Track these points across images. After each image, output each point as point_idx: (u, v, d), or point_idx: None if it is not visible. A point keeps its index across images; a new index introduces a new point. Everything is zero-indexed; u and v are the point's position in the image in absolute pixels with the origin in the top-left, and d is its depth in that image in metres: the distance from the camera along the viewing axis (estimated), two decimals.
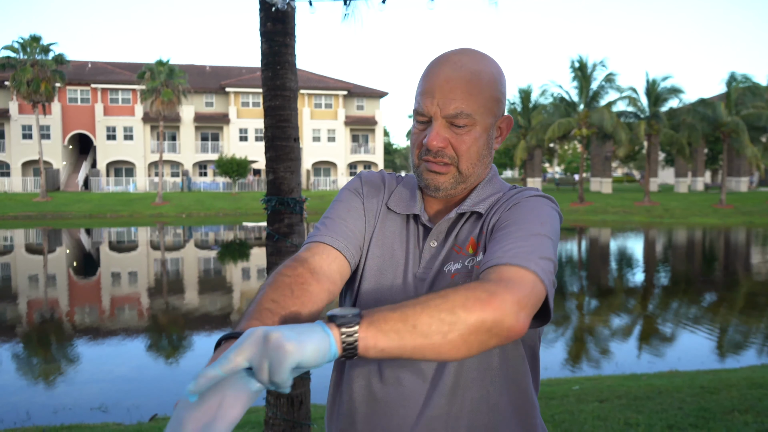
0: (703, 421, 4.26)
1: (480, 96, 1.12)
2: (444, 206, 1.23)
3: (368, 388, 1.16)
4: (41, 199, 36.82)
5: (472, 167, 1.15)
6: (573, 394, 5.52)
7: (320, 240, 1.16)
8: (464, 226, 1.18)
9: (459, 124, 1.12)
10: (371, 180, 1.28)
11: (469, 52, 1.15)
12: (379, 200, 1.25)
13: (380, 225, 1.23)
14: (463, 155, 1.14)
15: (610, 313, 11.07)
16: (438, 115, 1.12)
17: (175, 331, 9.68)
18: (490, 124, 1.15)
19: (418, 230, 1.21)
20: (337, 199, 1.26)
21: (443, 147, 1.13)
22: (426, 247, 1.18)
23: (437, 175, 1.15)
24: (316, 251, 1.14)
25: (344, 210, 1.22)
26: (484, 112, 1.13)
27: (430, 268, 1.16)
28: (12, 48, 36.03)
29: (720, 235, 26.70)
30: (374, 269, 1.20)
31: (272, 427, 3.17)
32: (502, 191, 1.20)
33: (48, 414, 6.01)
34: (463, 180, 1.16)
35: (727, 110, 35.78)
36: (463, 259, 1.14)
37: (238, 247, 22.61)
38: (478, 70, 1.12)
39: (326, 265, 1.13)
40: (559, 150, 65.31)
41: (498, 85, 1.15)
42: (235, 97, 48.01)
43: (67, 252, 21.37)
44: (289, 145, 2.98)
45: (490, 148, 1.18)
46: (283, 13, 2.96)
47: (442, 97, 1.11)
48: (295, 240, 3.04)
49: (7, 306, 11.93)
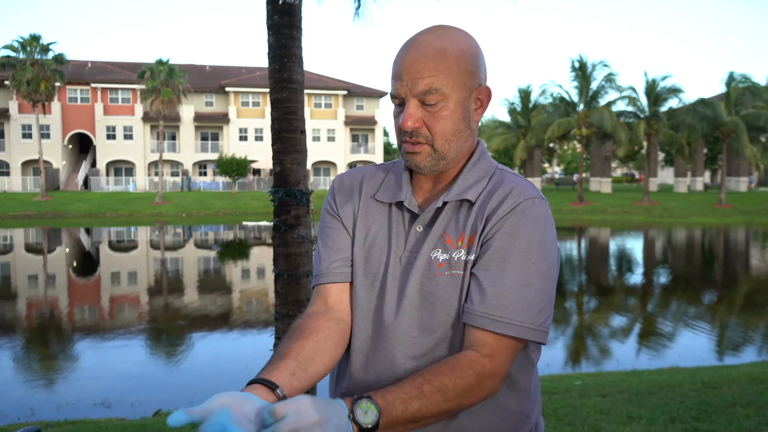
0: (706, 414, 4.28)
1: (448, 71, 1.13)
2: (434, 187, 1.25)
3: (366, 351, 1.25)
4: (41, 198, 36.80)
5: (448, 144, 1.17)
6: (575, 389, 5.55)
7: (320, 282, 1.28)
8: (455, 214, 1.19)
9: (430, 102, 1.13)
10: (343, 186, 1.33)
11: (435, 30, 1.16)
12: (355, 202, 1.29)
13: (360, 221, 1.28)
14: (437, 133, 1.15)
15: (610, 312, 11.09)
16: (409, 95, 1.14)
17: (176, 329, 9.69)
18: (464, 98, 1.16)
19: (403, 216, 1.24)
20: (320, 223, 1.35)
21: (418, 127, 1.15)
22: (412, 231, 1.21)
23: (414, 155, 1.18)
24: (318, 300, 1.28)
25: (326, 236, 1.31)
26: (455, 86, 1.14)
27: (417, 252, 1.19)
28: (12, 47, 36.01)
29: (719, 235, 26.73)
30: (360, 262, 1.26)
31: None
32: (488, 175, 1.21)
33: (51, 409, 6.03)
34: (442, 157, 1.18)
35: (726, 110, 35.81)
36: (452, 251, 1.16)
37: (238, 247, 22.60)
38: (443, 47, 1.13)
39: (336, 301, 1.27)
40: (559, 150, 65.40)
41: (468, 58, 1.15)
42: (235, 97, 48.01)
43: (67, 251, 21.37)
44: (295, 137, 2.99)
45: (469, 121, 1.18)
46: (289, 6, 2.97)
47: (409, 78, 1.13)
48: (301, 231, 3.05)
49: (8, 305, 11.94)
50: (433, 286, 1.17)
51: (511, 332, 1.10)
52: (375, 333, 1.22)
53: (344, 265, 1.27)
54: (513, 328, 1.10)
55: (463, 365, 1.07)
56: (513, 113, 46.17)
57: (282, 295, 3.17)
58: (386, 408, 0.99)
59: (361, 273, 1.25)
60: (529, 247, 1.12)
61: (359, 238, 1.27)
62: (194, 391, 6.62)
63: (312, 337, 1.16)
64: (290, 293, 3.17)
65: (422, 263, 1.18)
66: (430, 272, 1.17)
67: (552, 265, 1.15)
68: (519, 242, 1.12)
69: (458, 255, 1.16)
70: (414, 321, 1.18)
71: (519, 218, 1.14)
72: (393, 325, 1.19)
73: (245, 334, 9.23)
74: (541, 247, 1.13)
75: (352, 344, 1.26)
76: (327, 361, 1.17)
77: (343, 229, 1.29)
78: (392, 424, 1.00)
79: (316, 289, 1.30)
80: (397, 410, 1.00)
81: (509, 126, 46.85)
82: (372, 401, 0.98)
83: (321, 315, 1.23)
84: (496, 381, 1.10)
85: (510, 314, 1.10)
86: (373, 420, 0.97)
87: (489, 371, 1.08)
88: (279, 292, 3.19)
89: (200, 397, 6.33)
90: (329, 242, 1.29)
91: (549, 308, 1.14)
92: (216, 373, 7.30)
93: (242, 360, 7.82)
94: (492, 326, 1.10)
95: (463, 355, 1.09)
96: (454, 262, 1.16)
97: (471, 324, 1.12)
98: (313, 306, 1.26)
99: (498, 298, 1.10)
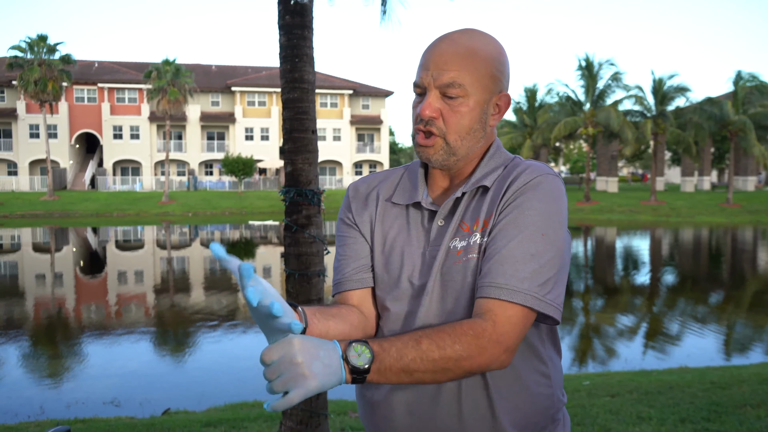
0: (716, 415, 4.26)
1: (475, 71, 1.15)
2: (450, 183, 1.26)
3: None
4: (48, 198, 36.96)
5: (460, 140, 1.18)
6: (584, 389, 5.54)
7: (341, 290, 1.29)
8: (471, 202, 1.20)
9: (451, 94, 1.14)
10: (358, 193, 1.33)
11: (469, 31, 1.19)
12: (371, 208, 1.30)
13: (378, 226, 1.28)
14: (452, 127, 1.16)
15: (617, 311, 11.06)
16: (432, 85, 1.16)
17: (184, 328, 9.72)
18: (485, 100, 1.18)
19: (422, 215, 1.24)
20: (336, 233, 1.36)
21: (434, 117, 1.16)
22: (433, 226, 1.21)
23: (425, 148, 1.19)
24: (342, 302, 1.29)
25: (344, 245, 1.31)
26: (479, 86, 1.16)
27: (439, 245, 1.19)
28: (19, 48, 36.19)
29: (727, 234, 26.61)
30: (381, 266, 1.27)
31: (290, 417, 3.20)
32: (505, 164, 1.22)
33: (61, 408, 6.06)
34: (453, 152, 1.18)
35: (734, 109, 35.64)
36: (468, 237, 1.17)
37: (245, 246, 22.65)
38: (473, 46, 1.16)
39: (358, 303, 1.28)
40: (565, 149, 65.19)
41: (496, 63, 1.18)
42: (241, 97, 48.09)
43: (74, 251, 21.47)
44: (307, 137, 3.00)
45: (484, 124, 1.20)
46: (301, 5, 2.98)
47: (436, 68, 1.15)
48: (312, 231, 3.06)
49: (16, 304, 12.00)
50: (452, 274, 1.17)
51: (515, 299, 1.07)
52: (402, 331, 1.22)
53: (363, 270, 1.28)
54: (517, 295, 1.07)
55: (465, 327, 1.06)
56: (519, 112, 46.07)
57: (293, 295, 3.18)
58: (380, 353, 0.99)
59: (384, 277, 1.26)
60: (539, 218, 1.12)
61: (378, 243, 1.28)
62: (203, 390, 6.64)
63: (334, 310, 1.21)
64: (301, 293, 3.18)
65: (442, 254, 1.18)
66: (449, 261, 1.18)
67: (563, 238, 1.14)
68: (529, 213, 1.12)
69: (474, 239, 1.16)
70: (436, 312, 1.18)
71: (532, 191, 1.14)
72: (419, 322, 1.19)
73: (253, 333, 9.26)
74: (552, 218, 1.13)
75: None
76: (344, 326, 1.19)
77: (361, 237, 1.30)
78: (385, 371, 0.99)
79: (336, 298, 1.31)
80: (391, 356, 0.99)
81: (515, 125, 46.76)
82: (366, 345, 0.98)
83: (344, 306, 1.27)
84: (500, 350, 1.06)
85: (515, 282, 1.08)
86: (366, 362, 0.97)
87: (491, 336, 1.05)
88: (290, 292, 3.20)
89: (209, 396, 6.36)
90: (347, 251, 1.30)
91: (557, 282, 1.12)
92: (225, 372, 7.32)
93: (250, 359, 7.84)
94: (495, 293, 1.08)
95: (468, 320, 1.08)
96: (470, 246, 1.16)
97: (478, 295, 1.11)
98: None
99: (502, 266, 1.09)
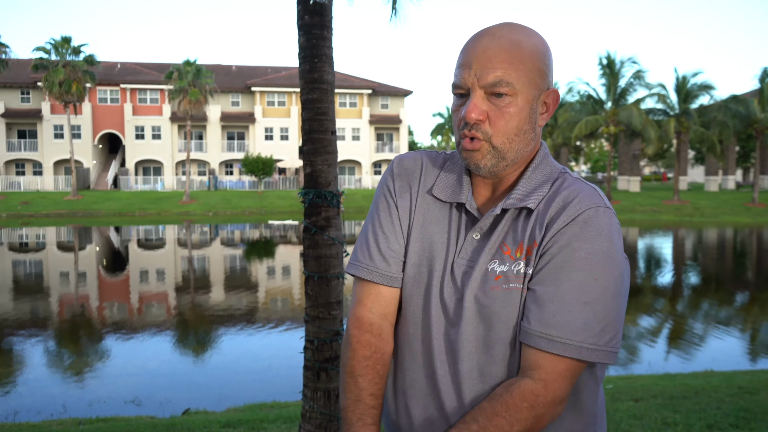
0: (744, 421, 4.16)
1: (521, 65, 1.05)
2: (493, 191, 1.17)
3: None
4: (72, 197, 37.54)
5: (509, 143, 1.08)
6: (607, 392, 5.44)
7: (364, 278, 1.21)
8: (514, 223, 1.12)
9: (499, 92, 1.05)
10: (403, 171, 1.24)
11: (509, 24, 1.10)
12: (414, 192, 1.21)
13: (418, 216, 1.20)
14: (499, 130, 1.07)
15: (640, 313, 10.89)
16: (476, 85, 1.06)
17: (204, 327, 9.78)
18: (533, 97, 1.08)
19: (461, 219, 1.16)
20: (374, 205, 1.26)
21: (481, 120, 1.06)
22: (468, 238, 1.13)
23: (473, 152, 1.09)
24: (368, 302, 1.21)
25: (380, 225, 1.22)
26: (527, 82, 1.06)
27: (475, 262, 1.11)
28: (44, 49, 36.77)
29: (752, 234, 26.12)
30: (413, 263, 1.19)
31: (309, 421, 3.17)
32: (551, 179, 1.12)
33: (83, 406, 6.12)
34: (502, 157, 1.09)
35: (760, 107, 35.01)
36: (510, 263, 1.09)
37: (264, 246, 22.76)
38: (518, 39, 1.07)
39: (382, 308, 1.21)
40: (586, 148, 64.59)
41: (542, 57, 1.09)
42: (261, 97, 48.37)
43: (97, 249, 21.75)
44: (326, 138, 2.97)
45: (534, 124, 1.10)
46: (320, 5, 2.95)
47: (479, 66, 1.05)
48: (332, 233, 3.03)
49: (41, 301, 12.18)
50: (489, 300, 1.09)
51: (569, 353, 1.02)
52: (425, 346, 1.16)
53: (396, 264, 1.20)
54: (570, 349, 1.02)
55: (517, 400, 1.02)
56: None
57: (312, 297, 3.15)
58: None
59: (415, 278, 1.18)
60: (590, 261, 1.03)
61: (415, 239, 1.19)
62: (222, 390, 6.67)
63: (383, 372, 1.20)
64: (320, 295, 3.15)
65: (479, 275, 1.10)
66: (486, 285, 1.09)
67: (618, 279, 1.05)
68: (579, 255, 1.03)
69: (517, 268, 1.08)
70: (470, 336, 1.11)
71: (580, 229, 1.05)
72: (447, 339, 1.13)
73: (273, 332, 9.28)
74: (605, 260, 1.04)
75: (400, 357, 1.21)
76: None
77: (398, 221, 1.21)
78: None
79: (365, 285, 1.22)
80: None
81: None
82: None
83: (380, 338, 1.20)
84: (555, 408, 1.04)
85: (568, 334, 1.02)
86: None
87: (544, 401, 1.02)
88: (309, 294, 3.17)
89: (229, 396, 6.38)
90: (384, 233, 1.21)
91: (615, 326, 1.05)
92: (244, 372, 7.34)
93: (270, 358, 7.86)
94: (547, 347, 1.03)
95: (517, 386, 1.03)
96: (513, 275, 1.08)
97: (526, 343, 1.05)
98: (364, 308, 1.21)
99: (555, 316, 1.03)
